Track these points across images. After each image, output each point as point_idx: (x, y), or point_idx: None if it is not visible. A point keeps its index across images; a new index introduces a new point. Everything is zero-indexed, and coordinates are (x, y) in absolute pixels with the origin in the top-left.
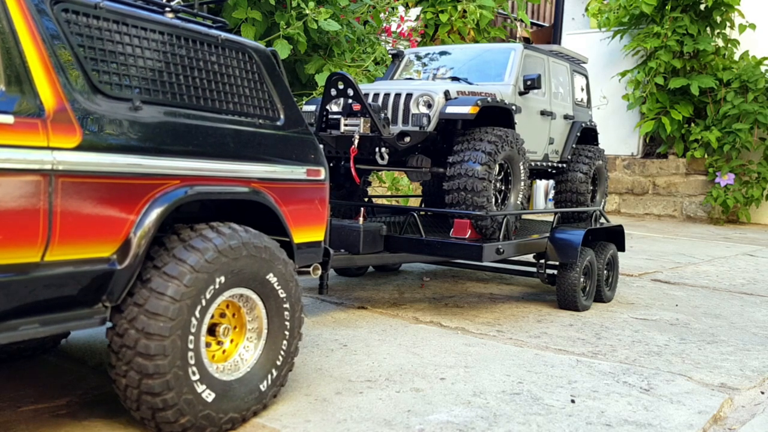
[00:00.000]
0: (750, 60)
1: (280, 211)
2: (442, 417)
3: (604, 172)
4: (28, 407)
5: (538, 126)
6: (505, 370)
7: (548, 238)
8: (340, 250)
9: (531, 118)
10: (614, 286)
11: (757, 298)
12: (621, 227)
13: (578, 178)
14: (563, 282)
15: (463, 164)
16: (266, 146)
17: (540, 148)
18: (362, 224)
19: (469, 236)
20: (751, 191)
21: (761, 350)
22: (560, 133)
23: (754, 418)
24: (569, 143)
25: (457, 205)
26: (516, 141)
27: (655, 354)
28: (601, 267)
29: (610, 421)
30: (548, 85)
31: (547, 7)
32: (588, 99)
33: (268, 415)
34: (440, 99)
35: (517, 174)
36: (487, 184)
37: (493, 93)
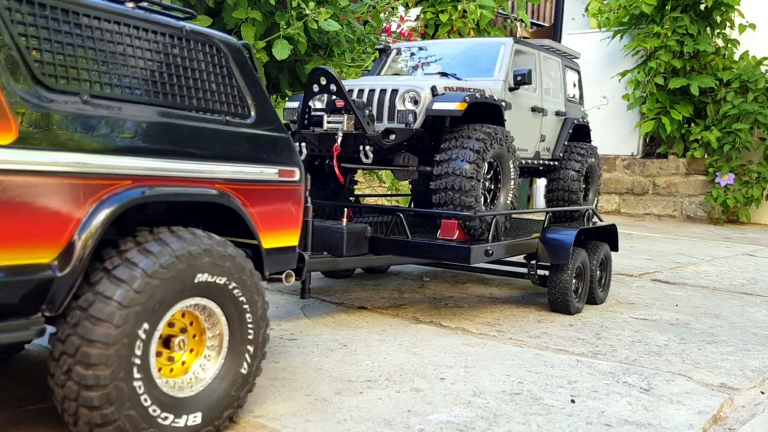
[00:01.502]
0: (750, 60)
1: (248, 215)
2: (442, 417)
3: (596, 170)
4: (29, 407)
5: (528, 123)
6: (505, 370)
7: (539, 239)
8: (323, 252)
9: (521, 114)
10: (607, 287)
11: (757, 298)
12: (614, 226)
13: (570, 176)
14: (554, 284)
15: (451, 163)
16: (233, 145)
17: (531, 146)
18: (346, 225)
19: (457, 237)
20: (751, 191)
21: (761, 350)
22: (552, 130)
23: (754, 418)
24: (561, 140)
25: (444, 205)
26: (505, 138)
27: (655, 354)
28: (593, 268)
29: (610, 421)
30: (539, 80)
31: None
32: (580, 95)
33: (268, 415)
34: (427, 95)
35: (506, 172)
36: (475, 183)
37: (482, 89)
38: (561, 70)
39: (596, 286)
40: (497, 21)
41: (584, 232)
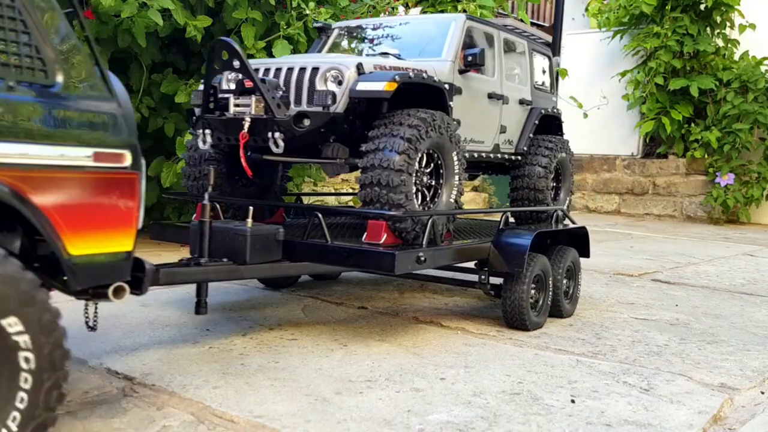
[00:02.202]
0: (750, 60)
1: (38, 212)
2: (442, 417)
3: (568, 166)
4: None
5: (485, 111)
6: (505, 370)
7: (492, 243)
8: (222, 259)
9: (476, 101)
10: (576, 299)
11: (757, 298)
12: (584, 229)
13: (536, 173)
14: (509, 295)
15: (378, 154)
16: (19, 119)
17: (489, 137)
18: (250, 227)
19: (385, 241)
20: (751, 191)
21: (761, 350)
22: (515, 120)
23: (754, 418)
24: (526, 132)
25: (371, 204)
26: (447, 126)
27: (655, 354)
28: (558, 276)
29: (610, 421)
30: (499, 64)
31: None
32: (552, 83)
33: (268, 415)
34: (351, 74)
35: (449, 166)
36: (406, 177)
37: (425, 70)
38: (527, 54)
39: (561, 297)
40: None
41: (546, 235)
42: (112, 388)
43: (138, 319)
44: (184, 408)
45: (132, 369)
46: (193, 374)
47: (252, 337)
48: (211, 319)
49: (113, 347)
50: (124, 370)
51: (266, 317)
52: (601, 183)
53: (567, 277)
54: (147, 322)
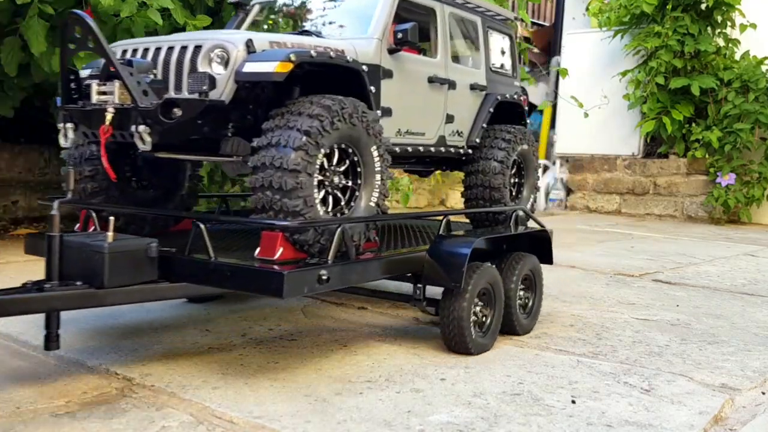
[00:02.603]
0: (751, 60)
1: None
2: (443, 418)
3: (532, 160)
4: (28, 407)
5: (425, 98)
6: (506, 370)
7: (427, 252)
8: (76, 282)
9: (412, 86)
10: (536, 313)
11: (758, 299)
12: (546, 233)
13: (492, 168)
14: (447, 313)
15: (270, 150)
16: None
17: (431, 128)
18: (109, 242)
19: (282, 256)
20: (752, 191)
21: (762, 351)
22: (465, 108)
23: (755, 419)
24: (479, 122)
25: (263, 211)
26: (362, 116)
27: (656, 354)
28: (512, 288)
29: (611, 422)
30: (444, 43)
31: (548, 7)
32: (513, 65)
33: (268, 415)
34: (239, 53)
35: (369, 164)
36: (304, 179)
37: (343, 49)
38: (481, 33)
39: (517, 312)
40: None
41: (496, 241)
42: (112, 389)
43: (137, 320)
44: (184, 408)
45: (131, 369)
46: (193, 375)
47: (252, 338)
48: (211, 319)
49: (112, 347)
50: (124, 371)
51: (266, 317)
52: (602, 183)
53: (525, 288)
54: (146, 322)
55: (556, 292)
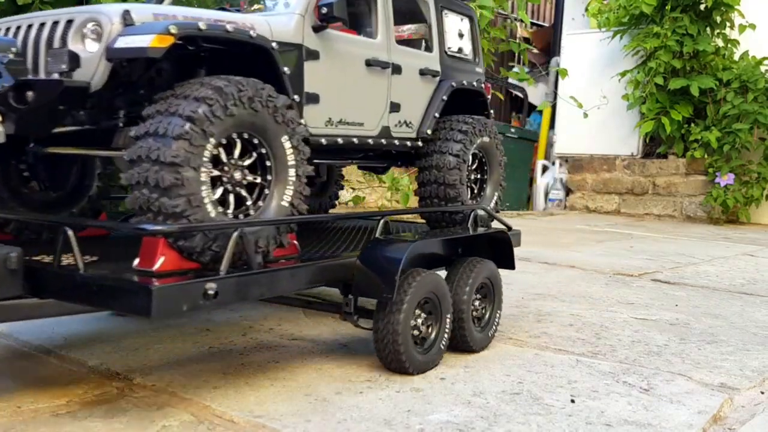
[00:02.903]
0: (750, 60)
1: None
2: (442, 417)
3: (496, 154)
4: (28, 407)
5: (362, 83)
6: (505, 369)
7: (358, 258)
8: None
9: (346, 69)
10: (494, 325)
11: (757, 298)
12: (504, 235)
13: (446, 163)
14: (379, 329)
15: (147, 141)
16: None
17: (371, 118)
18: None
19: (163, 267)
20: (751, 191)
21: (761, 350)
22: (414, 96)
23: (754, 418)
24: (431, 111)
25: (142, 213)
26: (266, 100)
27: (655, 354)
28: (463, 299)
29: (610, 421)
30: (385, 22)
31: (547, 7)
32: (474, 50)
33: (268, 414)
34: (114, 27)
35: (280, 156)
36: (188, 174)
37: (252, 24)
38: (434, 13)
39: (470, 325)
40: (497, 21)
41: (442, 245)
42: (112, 388)
43: (138, 320)
44: (184, 408)
45: (132, 369)
46: (193, 374)
47: (252, 337)
48: (211, 319)
49: (113, 347)
50: (124, 370)
51: (266, 317)
52: (601, 183)
53: (480, 297)
54: (147, 322)
55: (555, 291)
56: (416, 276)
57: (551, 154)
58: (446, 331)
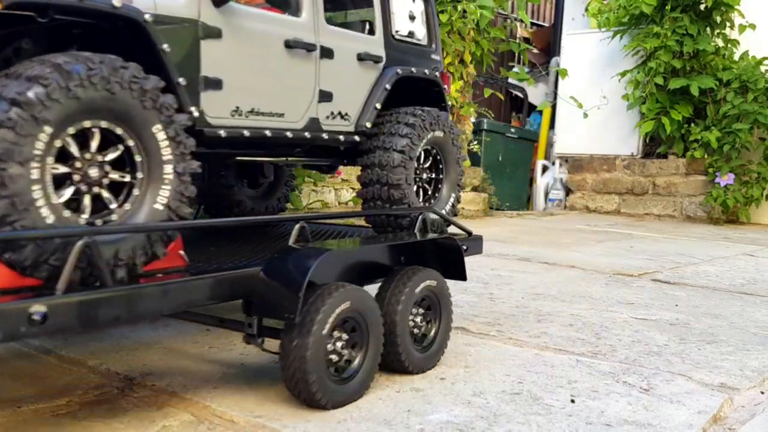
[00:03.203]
0: (750, 60)
1: None
2: (442, 417)
3: (452, 151)
4: (28, 407)
5: (280, 67)
6: (505, 369)
7: (262, 270)
8: None
9: (258, 51)
10: (440, 344)
11: (757, 298)
12: (453, 241)
13: (390, 161)
14: (285, 354)
15: None
16: None
17: (294, 108)
18: None
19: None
20: (751, 191)
21: (761, 350)
22: (350, 84)
23: (754, 418)
24: (372, 102)
25: None
26: (128, 81)
27: (655, 354)
28: (397, 313)
29: (610, 421)
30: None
31: (547, 7)
32: (429, 35)
33: (268, 414)
34: None
35: (152, 150)
36: (14, 170)
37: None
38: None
39: (406, 344)
40: (497, 21)
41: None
42: (112, 388)
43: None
44: (184, 408)
45: (132, 369)
46: (193, 374)
47: None
48: None
49: (113, 347)
50: (124, 370)
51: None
52: (601, 183)
53: (423, 313)
54: (147, 321)
55: (555, 291)
56: (332, 291)
57: (551, 154)
58: (374, 355)
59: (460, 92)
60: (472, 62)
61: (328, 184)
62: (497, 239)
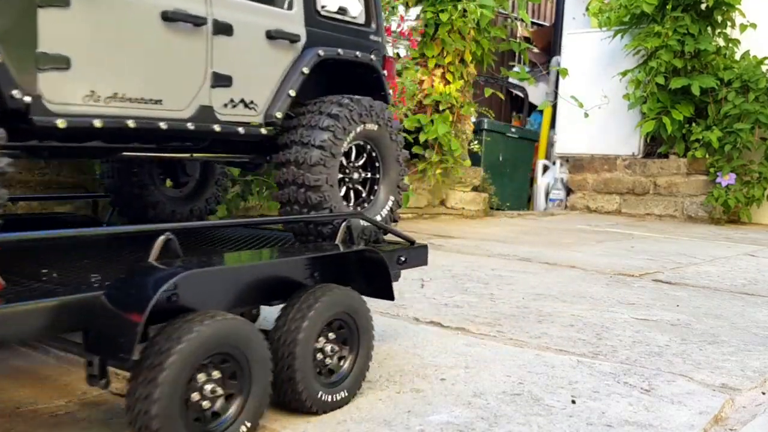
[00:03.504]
0: (751, 60)
1: None
2: (443, 418)
3: (391, 148)
4: (28, 408)
5: (154, 44)
6: (506, 370)
7: (105, 295)
8: None
9: (122, 24)
10: (356, 377)
11: (758, 299)
12: (374, 254)
13: (308, 158)
14: (131, 401)
15: None
16: None
17: (176, 94)
18: None
19: None
20: (753, 191)
21: (762, 351)
22: (257, 66)
23: (755, 419)
24: (285, 89)
25: None
26: None
27: (656, 354)
28: (300, 348)
29: (611, 422)
30: None
31: (548, 7)
32: (368, 14)
33: (267, 415)
34: None
35: None
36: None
37: None
38: None
39: (309, 378)
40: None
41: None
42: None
43: None
44: None
45: None
46: None
47: None
48: None
49: None
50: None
51: (266, 317)
52: (602, 183)
53: (332, 339)
54: None
55: (556, 292)
56: (194, 324)
57: (552, 153)
58: (259, 399)
59: (461, 92)
60: (473, 62)
61: None
62: (498, 239)
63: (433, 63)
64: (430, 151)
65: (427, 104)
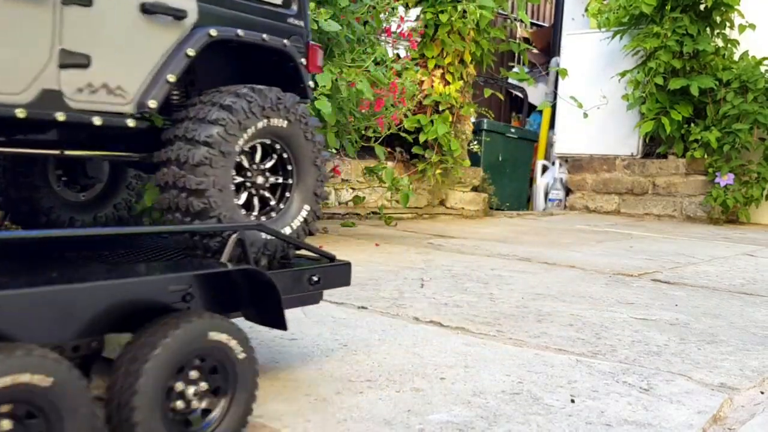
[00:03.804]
0: (750, 60)
1: None
2: (442, 417)
3: (306, 148)
4: None
5: None
6: (505, 369)
7: None
8: None
9: None
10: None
11: (756, 298)
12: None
13: (190, 156)
14: None
15: None
16: None
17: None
18: None
19: None
20: (751, 191)
21: (761, 350)
22: (126, 45)
23: (754, 418)
24: (163, 73)
25: None
26: None
27: (655, 354)
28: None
29: (610, 421)
30: None
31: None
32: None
33: (268, 414)
34: None
35: None
36: None
37: None
38: None
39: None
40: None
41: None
42: None
43: None
44: None
45: None
46: None
47: (252, 337)
48: None
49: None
50: None
51: None
52: (601, 183)
53: (195, 379)
54: None
55: (555, 291)
56: None
57: (551, 154)
58: None
59: (460, 92)
60: (472, 62)
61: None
62: (497, 239)
63: (432, 64)
64: (429, 152)
65: (426, 105)
